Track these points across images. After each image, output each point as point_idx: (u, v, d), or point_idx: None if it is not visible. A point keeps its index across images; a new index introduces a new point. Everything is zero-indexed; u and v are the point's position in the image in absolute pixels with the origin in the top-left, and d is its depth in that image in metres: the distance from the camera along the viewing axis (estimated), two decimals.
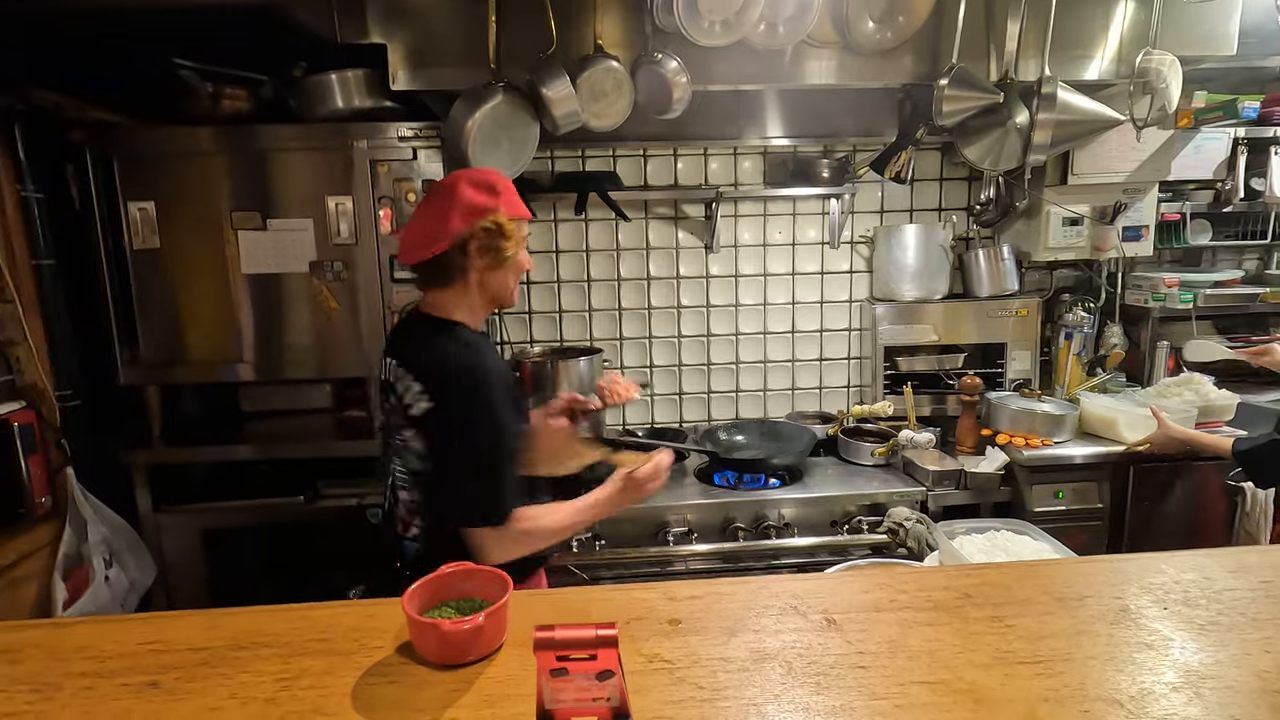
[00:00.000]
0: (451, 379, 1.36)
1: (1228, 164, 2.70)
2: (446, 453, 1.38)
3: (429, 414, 1.37)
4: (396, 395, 1.42)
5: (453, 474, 1.38)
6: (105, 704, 0.82)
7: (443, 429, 1.37)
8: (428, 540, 1.45)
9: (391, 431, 1.47)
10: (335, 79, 2.11)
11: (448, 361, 1.38)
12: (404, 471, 1.46)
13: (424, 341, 1.44)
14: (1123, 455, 2.38)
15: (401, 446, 1.44)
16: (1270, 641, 0.93)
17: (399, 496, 1.49)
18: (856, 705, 0.82)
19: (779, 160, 2.86)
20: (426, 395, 1.37)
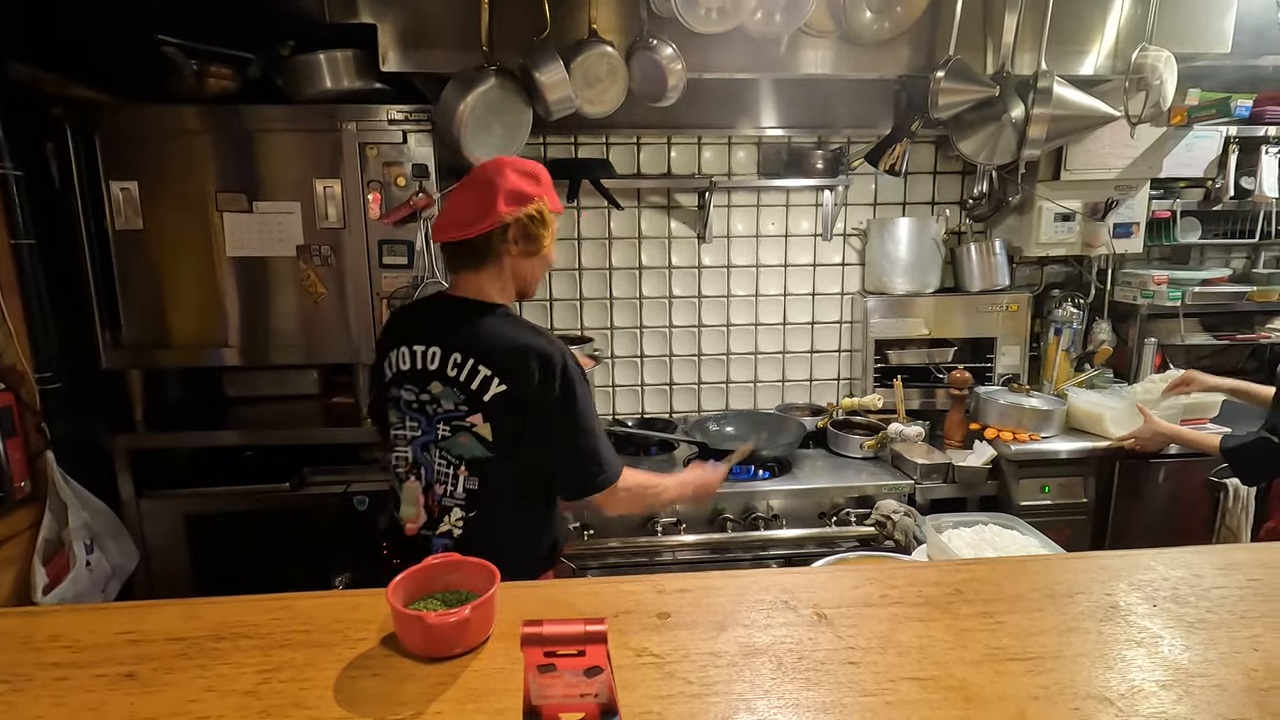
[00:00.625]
0: (530, 359, 1.36)
1: (1219, 162, 2.70)
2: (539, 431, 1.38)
3: (502, 397, 1.36)
4: (449, 382, 1.40)
5: (550, 449, 1.40)
6: (79, 695, 0.80)
7: (524, 407, 1.37)
8: (469, 532, 1.42)
9: (437, 420, 1.42)
10: (324, 59, 2.06)
11: (516, 343, 1.38)
12: (449, 461, 1.42)
13: (476, 324, 1.42)
14: (1108, 450, 2.40)
15: (450, 436, 1.41)
16: (1259, 639, 0.93)
17: (434, 491, 1.45)
18: (846, 701, 0.82)
19: (773, 151, 2.84)
20: (498, 378, 1.36)
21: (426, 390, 1.43)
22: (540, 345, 1.38)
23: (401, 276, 2.22)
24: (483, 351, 1.38)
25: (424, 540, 1.46)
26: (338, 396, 2.53)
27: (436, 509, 1.44)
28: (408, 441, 1.48)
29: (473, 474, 1.41)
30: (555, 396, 1.37)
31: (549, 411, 1.38)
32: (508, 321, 1.44)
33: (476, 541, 1.40)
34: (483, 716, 0.78)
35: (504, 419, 1.38)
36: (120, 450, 2.18)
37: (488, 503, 1.42)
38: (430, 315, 1.51)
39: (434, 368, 1.41)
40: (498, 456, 1.40)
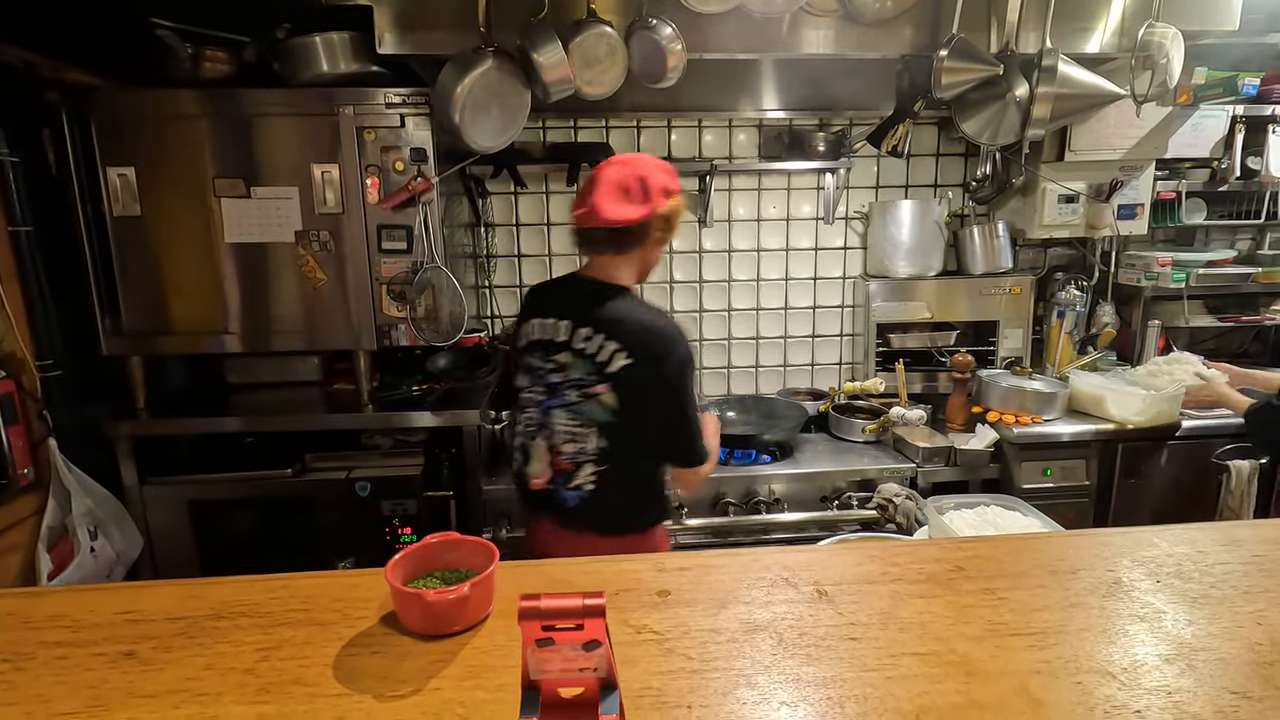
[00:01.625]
0: (653, 339, 1.54)
1: (1225, 142, 2.68)
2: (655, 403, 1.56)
3: (627, 370, 1.53)
4: (579, 353, 1.57)
5: (662, 424, 1.58)
6: (79, 674, 0.80)
7: (648, 383, 1.54)
8: (601, 485, 1.60)
9: (564, 387, 1.60)
10: (320, 42, 2.04)
11: (644, 322, 1.56)
12: (579, 424, 1.59)
13: (607, 304, 1.58)
14: (1111, 433, 2.39)
15: (579, 401, 1.58)
16: (1262, 614, 0.92)
17: (561, 450, 1.62)
18: (847, 676, 0.81)
19: (774, 133, 2.82)
20: (625, 353, 1.53)
21: (554, 359, 1.61)
22: (663, 326, 1.57)
23: (401, 262, 2.21)
24: (613, 328, 1.55)
25: (549, 494, 1.65)
26: (339, 383, 2.52)
27: (570, 465, 1.61)
28: (535, 404, 1.66)
29: (602, 435, 1.58)
30: (672, 374, 1.54)
31: (664, 388, 1.55)
32: (635, 304, 1.61)
33: (606, 494, 1.61)
34: (482, 693, 0.78)
35: (627, 390, 1.54)
36: (122, 437, 2.18)
37: (617, 460, 1.59)
38: (563, 293, 1.69)
39: (563, 339, 1.60)
40: (621, 422, 1.56)
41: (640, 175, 1.57)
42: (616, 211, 1.55)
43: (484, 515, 2.30)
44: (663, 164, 1.64)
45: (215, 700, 0.76)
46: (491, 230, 2.82)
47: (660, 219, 1.59)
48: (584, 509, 1.63)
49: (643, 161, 1.61)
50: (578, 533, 1.65)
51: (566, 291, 1.69)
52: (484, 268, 2.85)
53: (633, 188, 1.57)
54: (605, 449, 1.59)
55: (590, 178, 1.63)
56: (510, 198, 2.82)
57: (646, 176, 1.57)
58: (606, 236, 1.59)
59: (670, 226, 1.63)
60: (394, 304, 2.23)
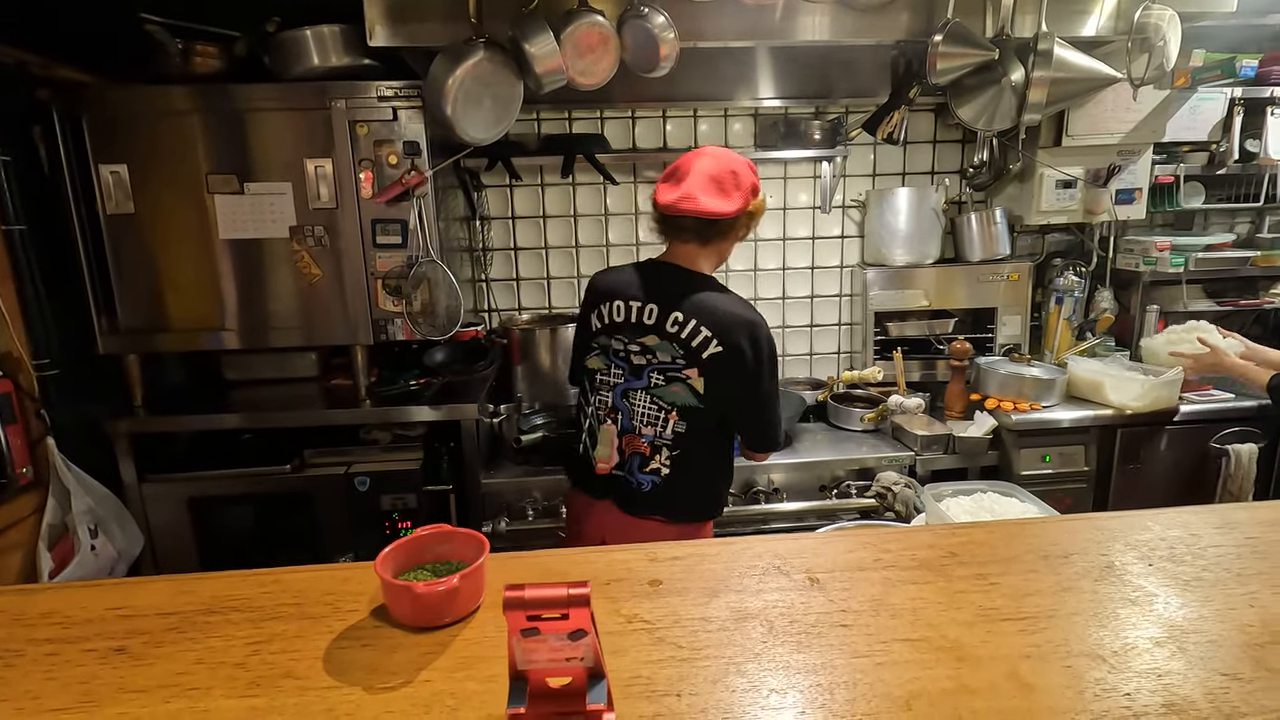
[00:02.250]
0: (745, 329, 1.58)
1: (1223, 125, 2.66)
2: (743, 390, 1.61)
3: (718, 357, 1.57)
4: (670, 337, 1.60)
5: (749, 409, 1.64)
6: (69, 670, 0.80)
7: (736, 370, 1.58)
8: (675, 470, 1.64)
9: (648, 370, 1.63)
10: (311, 35, 2.04)
11: (735, 313, 1.60)
12: (658, 407, 1.62)
13: (697, 293, 1.61)
14: (1110, 418, 2.39)
15: (663, 385, 1.61)
16: (1255, 596, 0.92)
17: (640, 433, 1.65)
18: (838, 663, 0.81)
19: (770, 122, 2.81)
20: (716, 340, 1.57)
21: (639, 341, 1.63)
22: (754, 318, 1.61)
23: (396, 256, 2.20)
24: (705, 315, 1.58)
25: (616, 479, 1.68)
26: (337, 378, 2.52)
27: (647, 449, 1.64)
28: (610, 387, 1.68)
29: (682, 419, 1.62)
30: (761, 364, 1.60)
31: (755, 376, 1.60)
32: (725, 293, 1.65)
33: (679, 480, 1.65)
34: (472, 684, 0.78)
35: (716, 376, 1.59)
36: (121, 435, 2.18)
37: (692, 446, 1.63)
38: (649, 277, 1.69)
39: (651, 323, 1.62)
40: (705, 408, 1.61)
41: (733, 170, 1.61)
42: (712, 204, 1.57)
43: (483, 509, 2.30)
44: (749, 162, 1.67)
45: (205, 694, 0.76)
46: (487, 223, 2.82)
47: (748, 215, 1.64)
48: (656, 494, 1.66)
49: (733, 156, 1.65)
50: (642, 518, 1.66)
51: (652, 277, 1.69)
52: (480, 261, 2.84)
53: (726, 181, 1.59)
54: (683, 434, 1.62)
55: (678, 165, 1.64)
56: (505, 190, 2.81)
57: (739, 172, 1.61)
58: (695, 225, 1.61)
59: (753, 224, 1.69)
60: (390, 298, 2.23)
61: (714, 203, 1.57)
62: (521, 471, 2.36)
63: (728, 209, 1.58)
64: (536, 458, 2.39)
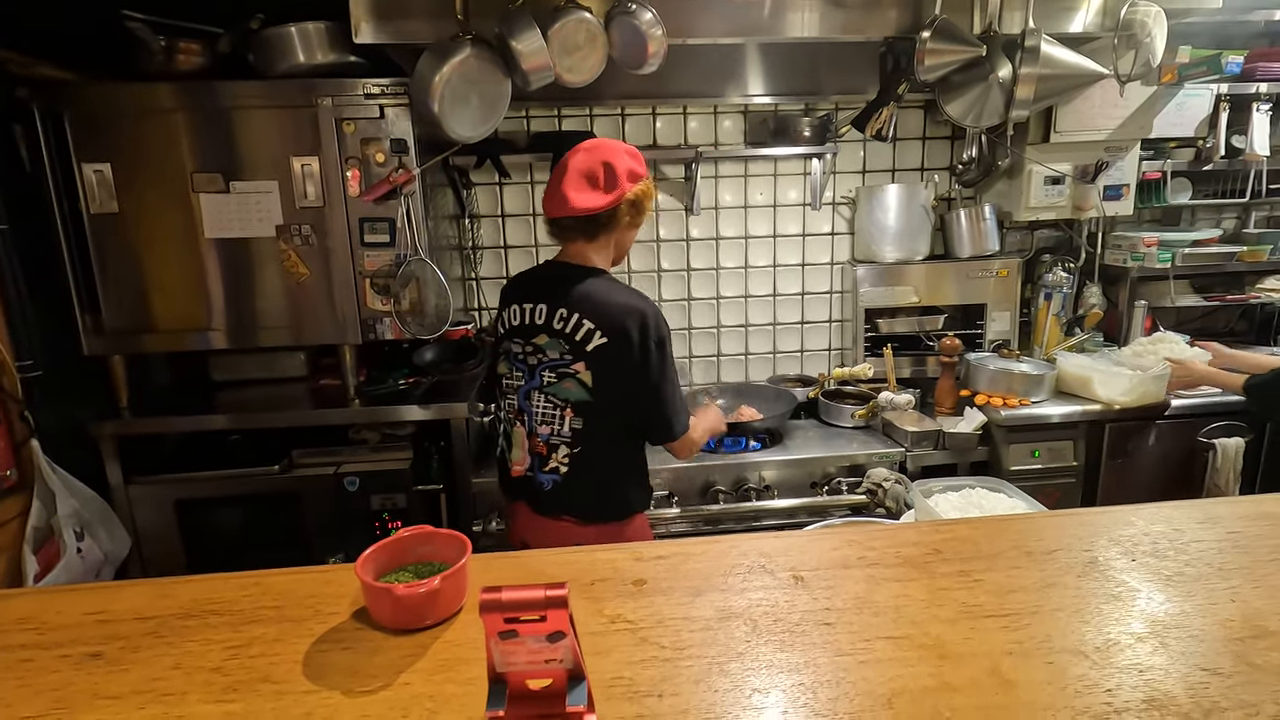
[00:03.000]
0: (628, 316, 1.55)
1: (1209, 121, 2.67)
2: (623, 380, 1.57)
3: (602, 348, 1.55)
4: (556, 334, 1.59)
5: (641, 399, 1.60)
6: (43, 676, 0.79)
7: (622, 360, 1.56)
8: (575, 467, 1.62)
9: (540, 369, 1.62)
10: (295, 32, 2.02)
11: (618, 301, 1.57)
12: (554, 405, 1.61)
13: (582, 286, 1.60)
14: (1098, 413, 2.39)
15: (556, 381, 1.60)
16: (1236, 591, 0.92)
17: (537, 433, 1.63)
18: (821, 661, 0.81)
19: (760, 119, 2.80)
20: (600, 331, 1.55)
21: (531, 342, 1.63)
22: (638, 305, 1.58)
23: (384, 254, 2.19)
24: (588, 308, 1.57)
25: (528, 480, 1.67)
26: (325, 378, 2.51)
27: (544, 448, 1.63)
28: (515, 390, 1.68)
29: (577, 415, 1.60)
30: (649, 351, 1.56)
31: (642, 364, 1.56)
32: (610, 284, 1.63)
33: (581, 477, 1.62)
34: (452, 686, 0.77)
35: (603, 368, 1.56)
36: (107, 437, 2.16)
37: (591, 442, 1.60)
38: (540, 279, 1.71)
39: (540, 322, 1.61)
40: (597, 400, 1.58)
41: (606, 160, 1.58)
42: (584, 200, 1.57)
43: (474, 508, 2.29)
44: (628, 148, 1.65)
45: (181, 700, 0.75)
46: (476, 221, 2.80)
47: (628, 204, 1.61)
48: (558, 493, 1.64)
49: (608, 147, 1.62)
50: (554, 518, 1.65)
51: (543, 277, 1.71)
52: (470, 259, 2.83)
53: (599, 174, 1.58)
54: (579, 430, 1.60)
55: (558, 166, 1.63)
56: (495, 188, 2.80)
57: (612, 162, 1.58)
58: (576, 224, 1.61)
59: (640, 210, 1.65)
60: (378, 297, 2.21)
61: (585, 198, 1.57)
62: None
63: (599, 203, 1.57)
64: None
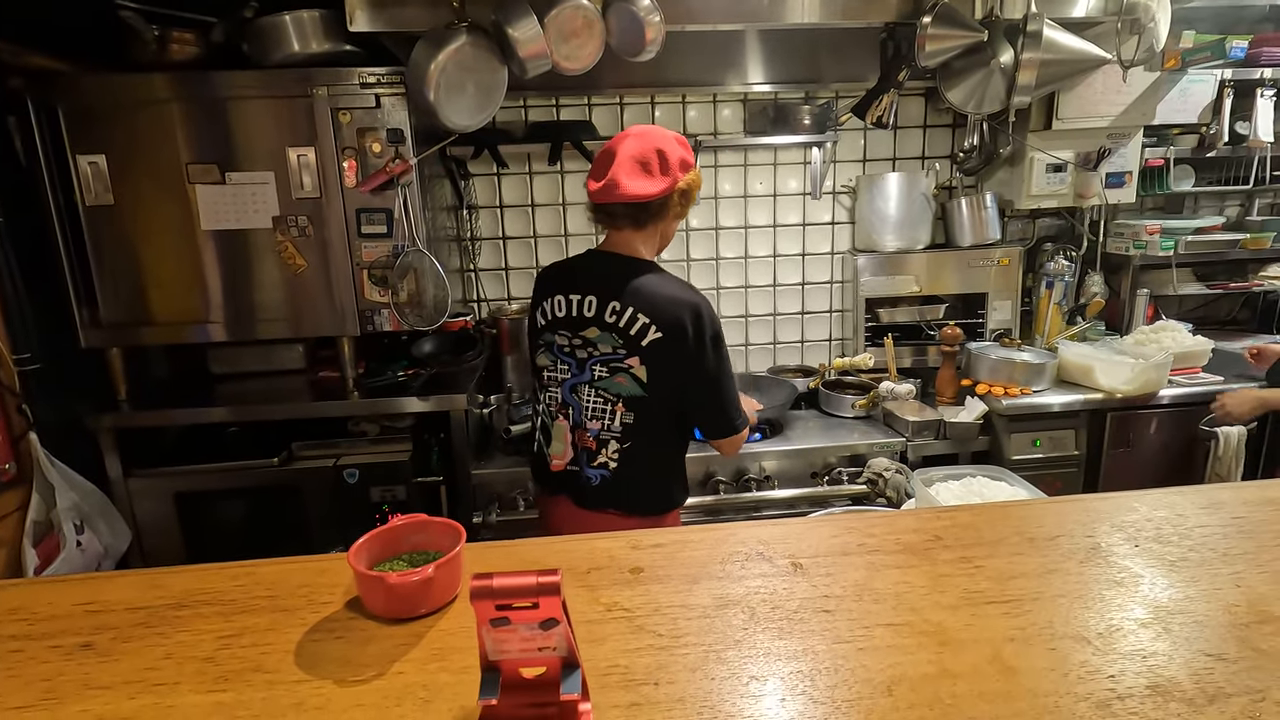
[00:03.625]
0: (683, 312, 1.53)
1: (1213, 107, 2.65)
2: (678, 376, 1.55)
3: (658, 343, 1.53)
4: (610, 327, 1.56)
5: (698, 394, 1.58)
6: (33, 667, 0.78)
7: (677, 354, 1.53)
8: (624, 462, 1.60)
9: (590, 362, 1.59)
10: (290, 20, 2.00)
11: (672, 295, 1.55)
12: (607, 399, 1.58)
13: (634, 279, 1.57)
14: (1099, 402, 2.38)
15: (607, 376, 1.57)
16: (1240, 576, 0.91)
17: (586, 428, 1.61)
18: (819, 649, 0.80)
19: (759, 108, 2.78)
20: (655, 326, 1.52)
21: (580, 335, 1.60)
22: (693, 299, 1.55)
23: (382, 246, 2.18)
24: (642, 301, 1.54)
25: (571, 475, 1.65)
26: (324, 370, 2.50)
27: (594, 443, 1.61)
28: (559, 383, 1.65)
29: (629, 410, 1.57)
30: (705, 346, 1.54)
31: (698, 359, 1.54)
32: (663, 276, 1.59)
33: (629, 473, 1.60)
34: (446, 675, 0.76)
35: (658, 363, 1.54)
36: (105, 430, 2.16)
37: (641, 437, 1.59)
38: (586, 268, 1.67)
39: (590, 315, 1.58)
40: (650, 396, 1.56)
41: (659, 148, 1.55)
42: (636, 186, 1.53)
43: (474, 500, 2.29)
44: (678, 136, 1.61)
45: (172, 690, 0.74)
46: (475, 212, 2.79)
47: (679, 193, 1.58)
48: (606, 487, 1.62)
49: (659, 134, 1.59)
50: (598, 512, 1.64)
51: (590, 267, 1.67)
52: (468, 251, 2.82)
53: (651, 161, 1.55)
54: (630, 425, 1.58)
55: (605, 150, 1.60)
56: (493, 179, 2.78)
57: (665, 149, 1.55)
58: (626, 211, 1.58)
59: (689, 200, 1.63)
60: (376, 289, 2.20)
61: (639, 185, 1.54)
62: (512, 462, 2.34)
63: (653, 190, 1.54)
64: (527, 448, 2.37)
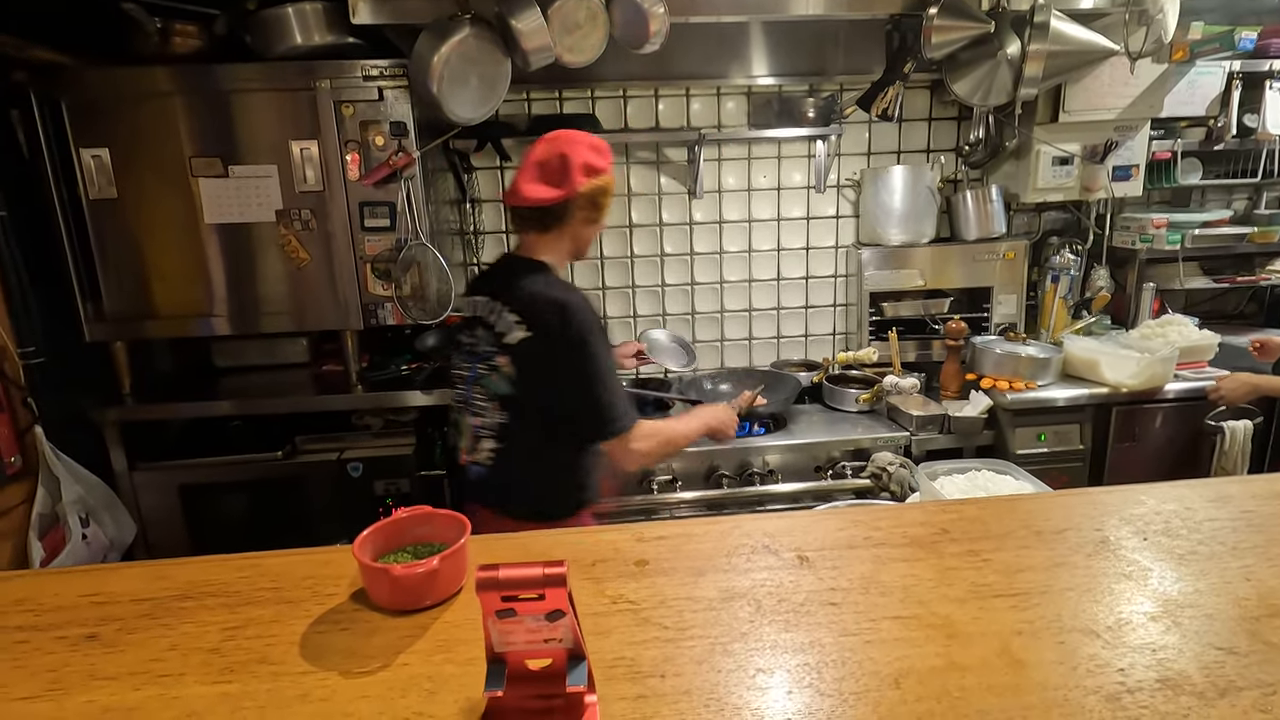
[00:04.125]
0: (549, 311, 1.50)
1: (1221, 99, 2.62)
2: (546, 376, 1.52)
3: (526, 342, 1.51)
4: (488, 327, 1.57)
5: (569, 396, 1.53)
6: (39, 657, 0.78)
7: (545, 353, 1.51)
8: (499, 463, 1.59)
9: (475, 359, 1.61)
10: (292, 12, 2.00)
11: (543, 294, 1.53)
12: (484, 397, 1.59)
13: (519, 278, 1.57)
14: (1105, 396, 2.37)
15: (486, 374, 1.58)
16: (1250, 570, 0.91)
17: (468, 423, 1.63)
18: (826, 641, 0.80)
19: (763, 100, 2.77)
20: (524, 324, 1.52)
21: (474, 334, 1.62)
22: (564, 298, 1.52)
23: (385, 239, 2.18)
24: (517, 301, 1.54)
25: (465, 468, 1.66)
26: (328, 364, 2.50)
27: (473, 439, 1.62)
28: (463, 379, 1.66)
29: (502, 409, 1.57)
30: (572, 346, 1.50)
31: (565, 359, 1.50)
32: (544, 278, 1.58)
33: (503, 472, 1.60)
34: (451, 667, 0.76)
35: (525, 362, 1.53)
36: (110, 423, 2.16)
37: (514, 438, 1.57)
38: (491, 271, 1.72)
39: (481, 314, 1.60)
40: (520, 395, 1.55)
41: (562, 153, 1.52)
42: (534, 191, 1.53)
43: None
44: (594, 141, 1.58)
45: (177, 681, 0.74)
46: (478, 206, 2.78)
47: (584, 199, 1.55)
48: (480, 484, 1.63)
49: (568, 139, 1.56)
50: (488, 508, 1.61)
51: (494, 270, 1.71)
52: (471, 244, 2.81)
53: (553, 166, 1.53)
54: (504, 424, 1.57)
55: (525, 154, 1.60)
56: (496, 172, 2.77)
57: (569, 154, 1.52)
58: (529, 215, 1.58)
59: (597, 206, 1.59)
60: (379, 282, 2.20)
61: (537, 190, 1.53)
62: None
63: (550, 195, 1.52)
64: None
